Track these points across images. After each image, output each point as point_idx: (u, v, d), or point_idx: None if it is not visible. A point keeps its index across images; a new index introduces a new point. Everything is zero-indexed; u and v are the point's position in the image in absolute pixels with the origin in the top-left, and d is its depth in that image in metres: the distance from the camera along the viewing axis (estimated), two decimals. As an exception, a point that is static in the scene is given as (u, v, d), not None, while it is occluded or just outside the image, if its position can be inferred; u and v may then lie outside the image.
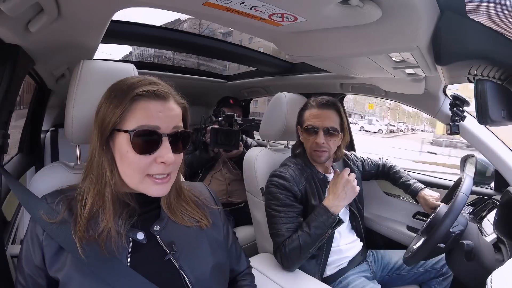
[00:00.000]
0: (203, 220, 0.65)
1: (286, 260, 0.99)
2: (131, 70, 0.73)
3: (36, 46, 0.76)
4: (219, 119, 1.49)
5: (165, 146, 0.54)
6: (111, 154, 0.56)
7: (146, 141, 0.52)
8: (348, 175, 1.00)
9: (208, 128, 1.49)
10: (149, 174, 0.55)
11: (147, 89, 0.53)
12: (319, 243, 0.97)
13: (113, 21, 0.77)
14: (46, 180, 0.68)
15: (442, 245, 0.87)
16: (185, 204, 0.66)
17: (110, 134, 0.55)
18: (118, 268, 0.54)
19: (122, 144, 0.53)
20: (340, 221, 0.96)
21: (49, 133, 1.76)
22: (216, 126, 1.40)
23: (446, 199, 1.11)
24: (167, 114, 0.55)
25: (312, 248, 0.96)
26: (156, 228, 0.60)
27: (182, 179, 0.73)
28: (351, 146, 1.74)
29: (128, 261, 0.56)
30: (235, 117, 1.47)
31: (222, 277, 0.66)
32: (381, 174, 1.37)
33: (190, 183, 0.75)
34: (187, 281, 0.58)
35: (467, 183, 0.93)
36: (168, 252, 0.58)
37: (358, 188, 0.99)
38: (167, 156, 0.53)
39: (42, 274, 0.55)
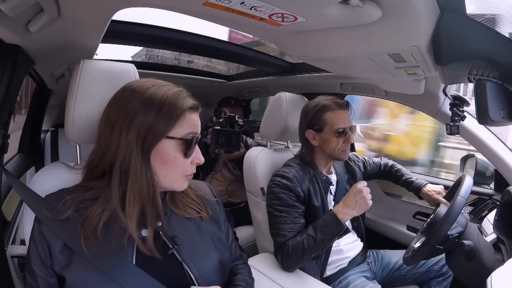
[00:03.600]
0: (202, 211, 0.68)
1: (287, 260, 0.98)
2: (131, 70, 0.73)
3: (36, 46, 0.76)
4: (220, 120, 1.49)
5: (197, 149, 0.63)
6: (148, 159, 0.59)
7: (190, 146, 0.60)
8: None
9: (210, 129, 1.49)
10: (187, 174, 0.62)
11: (193, 103, 0.61)
12: (323, 249, 0.97)
13: (113, 21, 0.77)
14: (46, 180, 0.68)
15: (441, 247, 0.87)
16: (185, 195, 0.69)
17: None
18: (123, 266, 0.54)
19: (170, 150, 0.59)
20: (347, 231, 0.95)
21: (49, 133, 1.76)
22: (217, 127, 1.39)
23: (447, 199, 1.11)
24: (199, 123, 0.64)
25: (315, 253, 0.96)
26: (159, 224, 0.61)
27: None
28: (351, 147, 1.74)
29: (134, 259, 0.56)
30: (236, 118, 1.47)
31: (223, 272, 0.67)
32: (383, 174, 1.37)
33: (192, 180, 0.75)
34: (191, 275, 0.58)
35: (466, 186, 0.92)
36: (171, 246, 0.59)
37: (370, 202, 0.97)
38: (201, 158, 0.63)
39: (52, 273, 0.55)
